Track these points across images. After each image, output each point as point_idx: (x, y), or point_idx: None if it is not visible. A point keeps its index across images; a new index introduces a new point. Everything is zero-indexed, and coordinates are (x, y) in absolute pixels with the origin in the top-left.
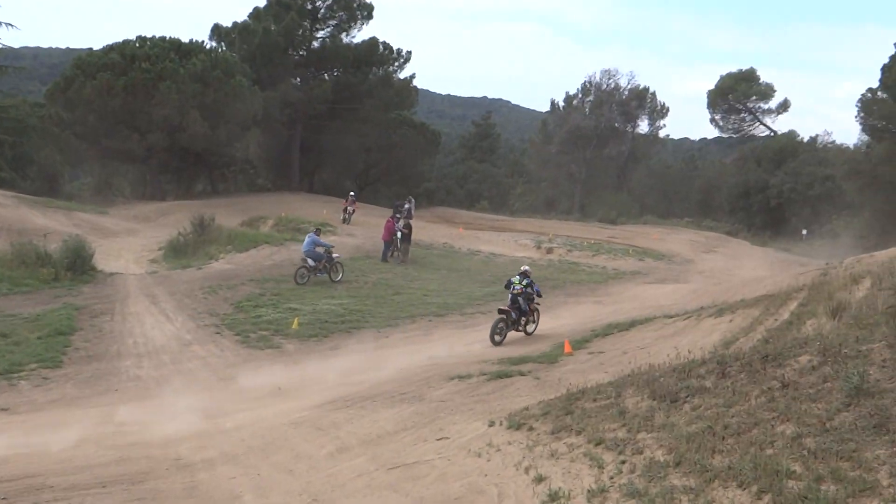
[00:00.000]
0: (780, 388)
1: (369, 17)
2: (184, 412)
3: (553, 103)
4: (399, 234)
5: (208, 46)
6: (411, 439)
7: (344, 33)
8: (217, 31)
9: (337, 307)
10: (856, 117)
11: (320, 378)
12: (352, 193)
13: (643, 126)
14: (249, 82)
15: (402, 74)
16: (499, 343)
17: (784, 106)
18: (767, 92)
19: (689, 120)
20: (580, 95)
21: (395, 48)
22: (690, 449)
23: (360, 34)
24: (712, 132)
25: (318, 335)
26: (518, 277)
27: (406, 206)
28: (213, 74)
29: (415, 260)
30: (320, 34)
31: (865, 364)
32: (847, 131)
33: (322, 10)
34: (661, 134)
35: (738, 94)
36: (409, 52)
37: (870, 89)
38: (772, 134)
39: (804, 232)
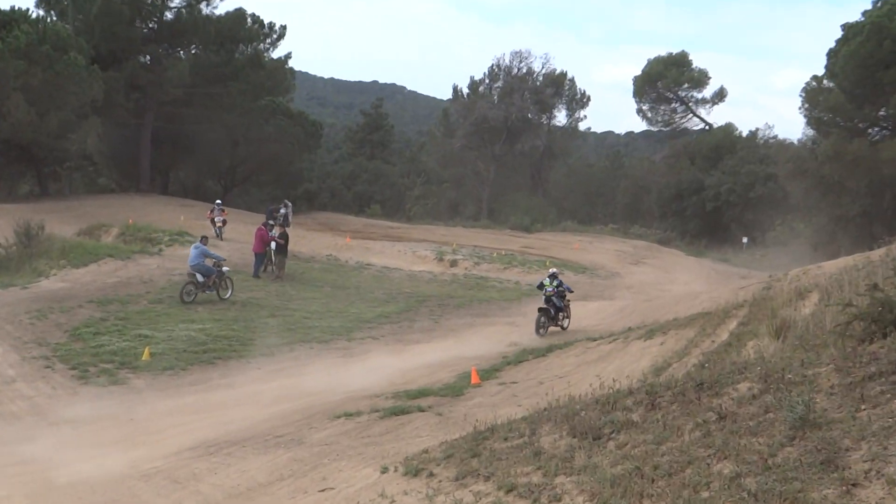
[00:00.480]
0: (717, 421)
1: None
2: (5, 466)
3: (456, 90)
4: (273, 245)
5: (34, 16)
6: (288, 491)
7: (204, 3)
8: None
9: (198, 333)
10: (799, 109)
11: (177, 420)
12: (218, 202)
13: (560, 117)
14: (87, 60)
15: (276, 53)
16: (543, 335)
17: (720, 95)
18: (701, 79)
19: (612, 111)
20: (487, 81)
21: (266, 22)
22: (615, 494)
23: (223, 4)
24: (639, 125)
25: (175, 368)
26: (548, 279)
27: (282, 211)
28: (40, 50)
29: (292, 276)
30: (175, 3)
31: (811, 391)
32: (790, 123)
33: None
34: (582, 127)
35: (667, 81)
36: (284, 27)
37: (814, 77)
38: (707, 127)
39: (745, 240)
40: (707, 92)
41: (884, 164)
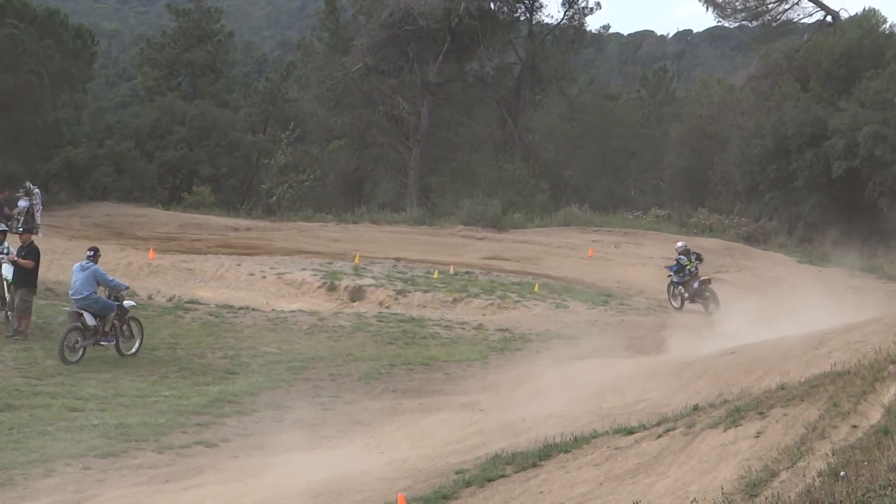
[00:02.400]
0: None
1: None
2: None
3: None
4: (8, 272)
5: None
6: None
7: None
8: None
9: None
10: None
11: None
12: None
13: (552, 10)
14: None
15: None
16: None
17: None
18: None
19: None
20: None
21: None
22: None
23: None
24: (702, 19)
25: None
26: (684, 257)
27: (21, 204)
28: None
29: (46, 329)
30: None
31: None
32: None
33: None
34: (593, 26)
35: None
36: None
37: None
38: (829, 20)
39: None
40: None
41: None
